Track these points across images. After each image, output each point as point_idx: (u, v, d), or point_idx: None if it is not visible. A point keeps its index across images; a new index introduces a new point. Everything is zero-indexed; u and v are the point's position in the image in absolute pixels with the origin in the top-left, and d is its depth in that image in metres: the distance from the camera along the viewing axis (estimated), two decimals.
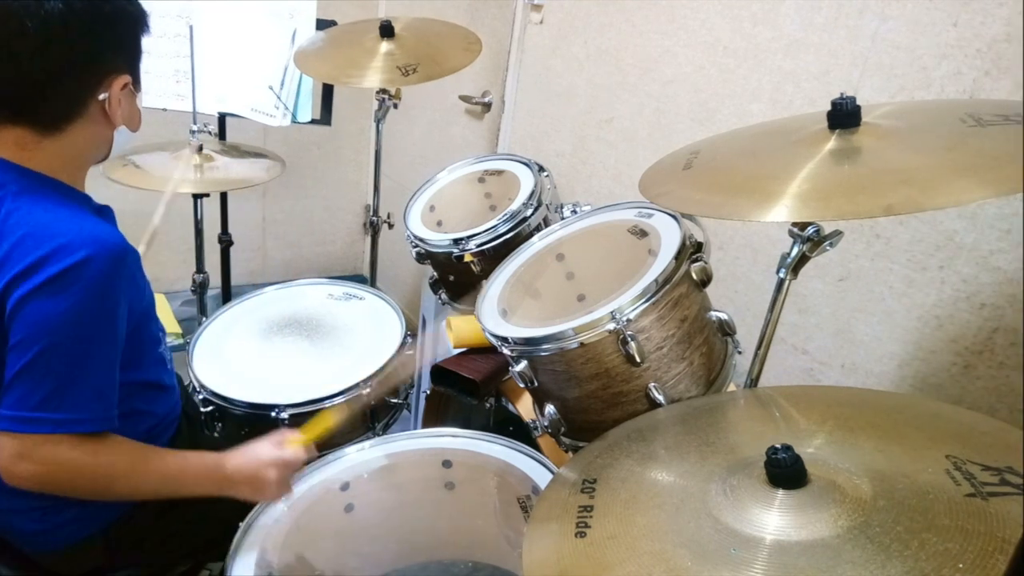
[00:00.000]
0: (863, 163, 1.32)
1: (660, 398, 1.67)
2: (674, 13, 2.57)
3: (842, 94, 1.40)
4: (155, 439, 1.90)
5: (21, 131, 1.66)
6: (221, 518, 1.82)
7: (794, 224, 1.51)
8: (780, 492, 1.25)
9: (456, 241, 2.46)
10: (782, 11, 2.21)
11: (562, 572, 1.22)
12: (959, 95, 1.82)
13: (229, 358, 2.42)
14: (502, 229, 2.39)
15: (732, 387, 1.80)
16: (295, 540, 1.81)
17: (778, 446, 1.27)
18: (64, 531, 1.83)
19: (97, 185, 1.96)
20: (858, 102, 1.40)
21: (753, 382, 1.70)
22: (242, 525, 1.79)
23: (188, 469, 1.72)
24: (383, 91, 3.00)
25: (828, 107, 1.41)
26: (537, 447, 2.01)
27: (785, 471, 1.25)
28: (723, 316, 1.75)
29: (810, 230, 1.50)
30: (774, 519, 1.22)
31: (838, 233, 1.50)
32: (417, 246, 2.60)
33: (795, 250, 1.53)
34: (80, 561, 1.90)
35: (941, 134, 1.33)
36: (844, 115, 1.39)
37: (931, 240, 1.90)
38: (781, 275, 1.56)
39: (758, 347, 1.66)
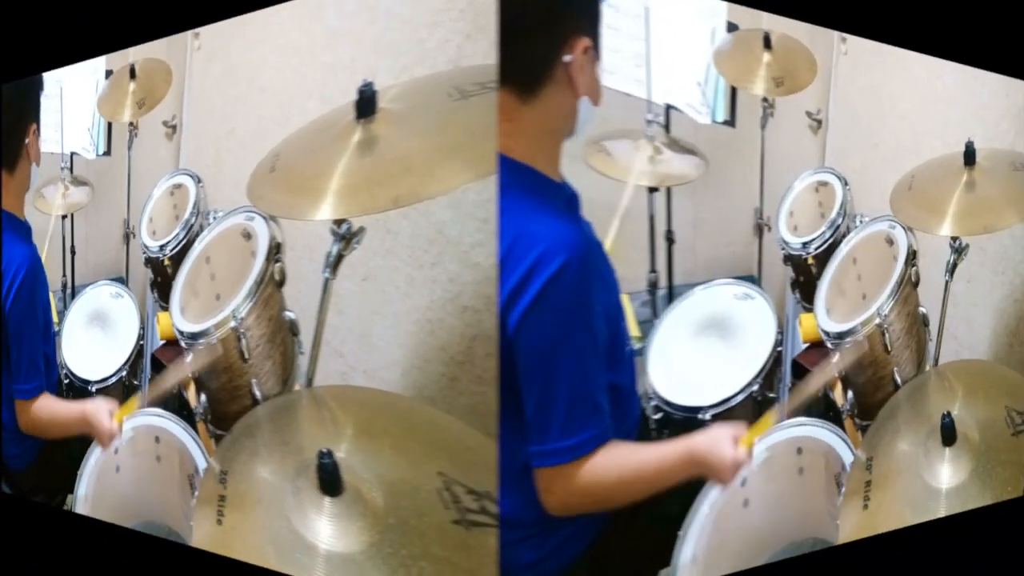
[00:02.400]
0: (379, 153, 0.95)
1: (258, 394, 1.25)
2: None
3: (363, 81, 0.93)
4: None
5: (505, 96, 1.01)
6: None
7: (334, 221, 1.04)
8: (327, 499, 0.90)
9: (161, 247, 1.99)
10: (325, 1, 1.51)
11: (210, 555, 1.04)
12: (447, 66, 1.11)
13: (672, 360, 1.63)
14: (181, 236, 1.94)
15: (297, 387, 1.31)
16: (104, 476, 1.70)
17: (324, 450, 0.84)
18: None
19: (572, 172, 1.22)
20: (376, 87, 0.93)
21: (309, 382, 1.21)
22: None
23: (665, 461, 1.15)
24: (131, 124, 2.51)
25: None
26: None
27: (327, 477, 0.89)
28: (292, 316, 1.28)
29: (345, 227, 1.04)
30: (325, 527, 0.87)
31: (361, 229, 1.05)
32: (145, 253, 2.12)
33: (334, 249, 1.09)
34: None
35: (433, 113, 0.91)
36: (363, 103, 0.97)
37: (426, 234, 1.16)
38: (326, 275, 1.12)
39: (312, 348, 1.19)
